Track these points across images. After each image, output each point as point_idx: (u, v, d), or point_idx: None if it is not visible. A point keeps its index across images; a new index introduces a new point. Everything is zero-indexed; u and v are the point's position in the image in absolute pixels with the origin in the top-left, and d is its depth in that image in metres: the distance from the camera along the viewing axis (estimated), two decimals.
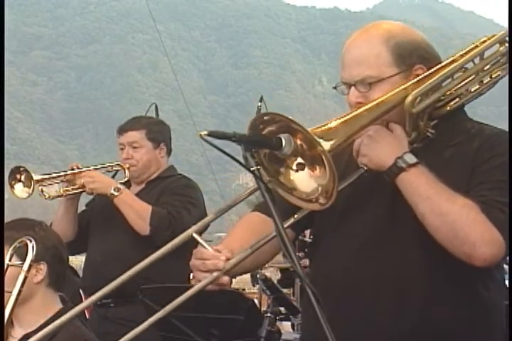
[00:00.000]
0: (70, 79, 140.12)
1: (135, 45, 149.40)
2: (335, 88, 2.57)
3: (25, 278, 2.96)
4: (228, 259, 2.33)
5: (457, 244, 2.33)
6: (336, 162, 2.19)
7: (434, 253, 2.38)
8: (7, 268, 3.00)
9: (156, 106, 5.51)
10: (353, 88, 2.51)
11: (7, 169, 4.81)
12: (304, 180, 2.21)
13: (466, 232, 2.31)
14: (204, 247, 2.35)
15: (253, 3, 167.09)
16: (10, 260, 3.01)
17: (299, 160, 2.20)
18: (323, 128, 2.27)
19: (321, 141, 2.16)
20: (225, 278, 2.35)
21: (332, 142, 2.24)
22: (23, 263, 3.02)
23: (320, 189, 2.18)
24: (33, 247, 2.98)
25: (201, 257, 2.34)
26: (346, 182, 2.42)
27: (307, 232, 5.33)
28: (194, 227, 2.35)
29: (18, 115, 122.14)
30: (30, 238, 2.99)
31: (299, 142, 2.18)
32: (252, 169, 2.10)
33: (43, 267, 3.11)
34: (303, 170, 2.21)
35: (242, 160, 2.12)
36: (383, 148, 2.41)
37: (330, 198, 2.16)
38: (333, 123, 2.31)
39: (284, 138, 2.16)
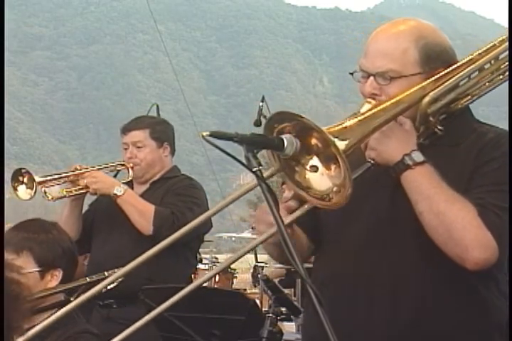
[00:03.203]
0: (70, 80, 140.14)
1: (136, 46, 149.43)
2: (351, 74, 2.55)
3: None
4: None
5: (451, 246, 2.34)
6: (353, 160, 2.19)
7: (432, 254, 2.38)
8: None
9: (158, 107, 5.49)
10: (371, 78, 2.49)
11: (7, 169, 4.80)
12: (319, 179, 2.21)
13: (460, 235, 2.32)
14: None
15: (254, 3, 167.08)
16: None
17: (315, 159, 2.20)
18: (338, 127, 2.25)
19: (335, 140, 2.15)
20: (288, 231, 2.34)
21: (347, 142, 2.22)
22: (40, 270, 3.04)
23: (334, 188, 2.18)
24: None
25: (265, 210, 2.33)
26: (353, 175, 2.41)
27: None
28: (238, 192, 2.31)
29: (18, 115, 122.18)
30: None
31: (313, 140, 2.17)
32: (253, 170, 2.10)
33: (58, 273, 3.10)
34: (316, 171, 2.21)
35: (243, 161, 2.11)
36: (392, 144, 2.41)
37: (344, 197, 2.16)
38: (349, 123, 2.29)
39: (286, 138, 2.15)
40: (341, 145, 2.18)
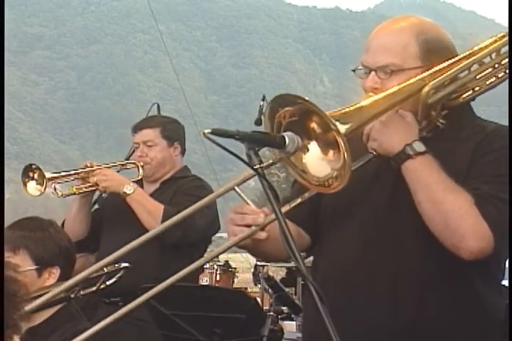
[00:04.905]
0: (71, 79, 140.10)
1: (136, 45, 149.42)
2: (353, 71, 2.58)
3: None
4: (266, 215, 2.34)
5: (447, 235, 2.35)
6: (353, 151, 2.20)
7: (433, 250, 2.39)
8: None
9: (158, 106, 5.49)
10: (372, 73, 2.52)
11: (8, 169, 4.81)
12: (317, 163, 2.23)
13: (456, 224, 2.33)
14: (246, 202, 2.35)
15: (254, 3, 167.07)
16: None
17: (314, 144, 2.22)
18: (339, 112, 2.28)
19: (337, 123, 2.17)
20: (263, 234, 2.35)
21: (348, 126, 2.24)
22: (37, 268, 3.04)
23: (333, 173, 2.20)
24: None
25: (241, 211, 2.36)
26: (354, 166, 2.41)
27: None
28: (235, 181, 2.32)
29: (19, 115, 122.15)
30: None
31: (313, 125, 2.19)
32: (255, 167, 2.10)
33: (56, 271, 3.10)
34: (312, 152, 2.22)
35: (245, 158, 2.12)
36: (393, 134, 2.42)
37: (342, 182, 2.18)
38: (350, 108, 2.32)
39: (287, 136, 2.17)
40: (342, 128, 2.19)
